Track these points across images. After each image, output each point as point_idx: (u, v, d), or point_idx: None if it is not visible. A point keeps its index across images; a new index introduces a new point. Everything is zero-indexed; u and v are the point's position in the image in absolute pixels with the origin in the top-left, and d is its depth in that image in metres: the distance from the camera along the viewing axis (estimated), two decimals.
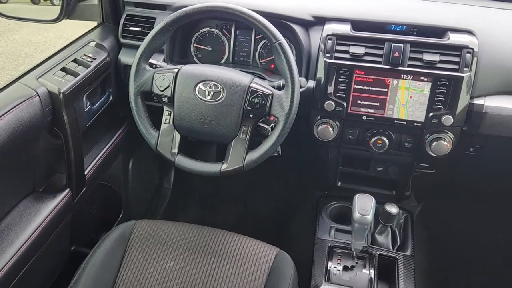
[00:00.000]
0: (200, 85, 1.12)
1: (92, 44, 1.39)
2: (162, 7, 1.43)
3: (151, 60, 1.20)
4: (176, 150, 1.17)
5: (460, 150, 1.32)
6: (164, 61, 1.40)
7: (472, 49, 1.19)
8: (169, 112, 1.17)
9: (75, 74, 1.24)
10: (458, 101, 1.20)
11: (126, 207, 1.74)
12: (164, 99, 1.15)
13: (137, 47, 1.18)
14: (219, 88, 1.11)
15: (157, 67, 1.21)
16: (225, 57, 1.46)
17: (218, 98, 1.11)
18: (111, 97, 1.48)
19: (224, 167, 1.13)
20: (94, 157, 1.43)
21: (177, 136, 1.17)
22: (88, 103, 1.35)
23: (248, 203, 2.07)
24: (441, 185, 1.70)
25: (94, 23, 1.52)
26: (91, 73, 1.30)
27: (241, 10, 1.10)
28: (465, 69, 1.19)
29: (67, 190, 1.26)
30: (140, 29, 1.43)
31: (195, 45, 1.47)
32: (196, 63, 1.45)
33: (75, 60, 1.29)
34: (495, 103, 1.21)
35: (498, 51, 1.23)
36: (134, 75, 1.16)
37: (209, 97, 1.12)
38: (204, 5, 1.12)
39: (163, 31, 1.15)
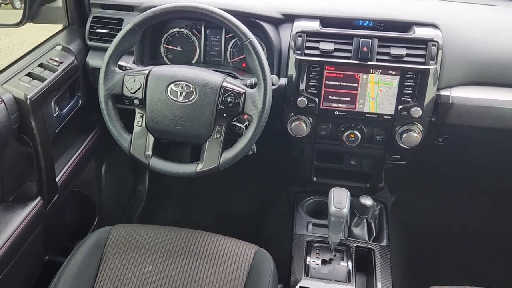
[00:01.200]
0: (172, 86, 1.11)
1: (58, 47, 1.36)
2: (130, 8, 1.41)
3: (120, 62, 1.18)
4: (150, 153, 1.16)
5: (430, 141, 1.36)
6: (134, 63, 1.38)
7: (437, 42, 1.23)
8: (141, 115, 1.15)
9: (41, 79, 1.21)
10: (426, 93, 1.23)
11: (101, 212, 1.70)
12: (136, 102, 1.14)
13: (105, 49, 1.16)
14: (191, 88, 1.11)
15: (127, 69, 1.19)
16: (196, 57, 1.45)
17: (191, 99, 1.11)
18: (80, 101, 1.45)
19: (199, 167, 1.13)
20: (66, 163, 1.39)
21: (151, 138, 1.16)
22: (57, 108, 1.32)
23: (225, 203, 2.07)
24: (413, 175, 1.75)
25: (59, 27, 1.48)
26: (59, 78, 1.27)
27: (210, 9, 1.09)
28: (431, 61, 1.22)
29: (39, 198, 1.22)
30: (107, 31, 1.41)
31: (165, 45, 1.46)
32: (167, 64, 1.44)
33: (41, 65, 1.26)
34: (461, 94, 1.26)
35: (461, 43, 1.28)
36: (103, 78, 1.14)
37: (181, 98, 1.11)
38: (172, 5, 1.11)
39: (131, 32, 1.13)
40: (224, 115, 1.11)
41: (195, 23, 1.43)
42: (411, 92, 1.24)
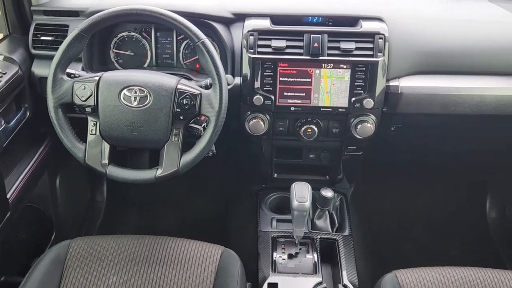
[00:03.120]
0: (125, 91, 1.09)
1: (0, 58, 1.30)
2: (75, 14, 1.36)
3: (68, 70, 1.14)
4: (106, 161, 1.13)
5: (383, 131, 1.41)
6: (83, 69, 1.34)
7: (383, 35, 1.27)
8: (95, 122, 1.12)
9: None
10: (376, 84, 1.27)
11: (58, 227, 1.64)
12: (88, 109, 1.11)
13: (51, 57, 1.12)
14: (145, 92, 1.09)
15: (76, 77, 1.15)
16: (148, 61, 1.43)
17: (145, 103, 1.09)
18: (28, 113, 1.39)
19: (159, 172, 1.11)
20: (16, 178, 1.33)
21: (106, 146, 1.13)
22: (3, 122, 1.26)
23: (187, 206, 2.05)
24: (370, 165, 1.80)
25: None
26: (2, 89, 1.21)
27: (159, 11, 1.08)
28: (378, 54, 1.26)
29: None
30: (52, 38, 1.36)
31: (114, 50, 1.42)
32: (118, 69, 1.40)
33: None
34: (408, 84, 1.31)
35: (406, 35, 1.33)
36: (51, 87, 1.10)
37: (135, 103, 1.09)
38: (120, 8, 1.08)
39: (78, 38, 1.10)
40: (181, 117, 1.10)
41: (144, 26, 1.40)
42: (363, 84, 1.28)
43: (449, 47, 1.33)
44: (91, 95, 1.09)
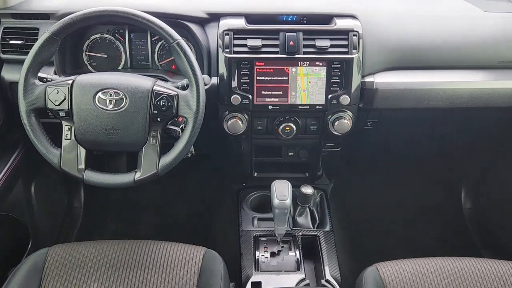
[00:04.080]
0: (100, 94, 1.07)
1: None
2: (45, 16, 1.33)
3: (40, 74, 1.11)
4: (83, 166, 1.11)
5: (360, 126, 1.43)
6: (55, 73, 1.31)
7: (357, 32, 1.29)
8: (69, 127, 1.10)
9: None
10: (352, 81, 1.29)
11: (35, 235, 1.60)
12: (62, 114, 1.08)
13: (21, 61, 1.09)
14: (121, 95, 1.07)
15: (49, 81, 1.12)
16: (123, 63, 1.40)
17: (121, 106, 1.07)
18: None
19: (137, 175, 1.10)
20: None
21: (82, 151, 1.11)
22: None
23: (168, 209, 2.03)
24: (348, 161, 1.82)
25: None
26: None
27: (132, 12, 1.06)
28: (353, 51, 1.28)
29: None
30: (22, 42, 1.32)
31: (87, 53, 1.39)
32: (92, 72, 1.38)
33: None
34: (383, 79, 1.33)
35: (379, 32, 1.35)
36: (23, 92, 1.07)
37: (111, 106, 1.07)
38: (91, 10, 1.06)
39: (49, 41, 1.07)
40: (158, 119, 1.09)
41: (117, 27, 1.38)
42: (338, 81, 1.29)
43: (421, 43, 1.35)
44: (64, 99, 1.07)
